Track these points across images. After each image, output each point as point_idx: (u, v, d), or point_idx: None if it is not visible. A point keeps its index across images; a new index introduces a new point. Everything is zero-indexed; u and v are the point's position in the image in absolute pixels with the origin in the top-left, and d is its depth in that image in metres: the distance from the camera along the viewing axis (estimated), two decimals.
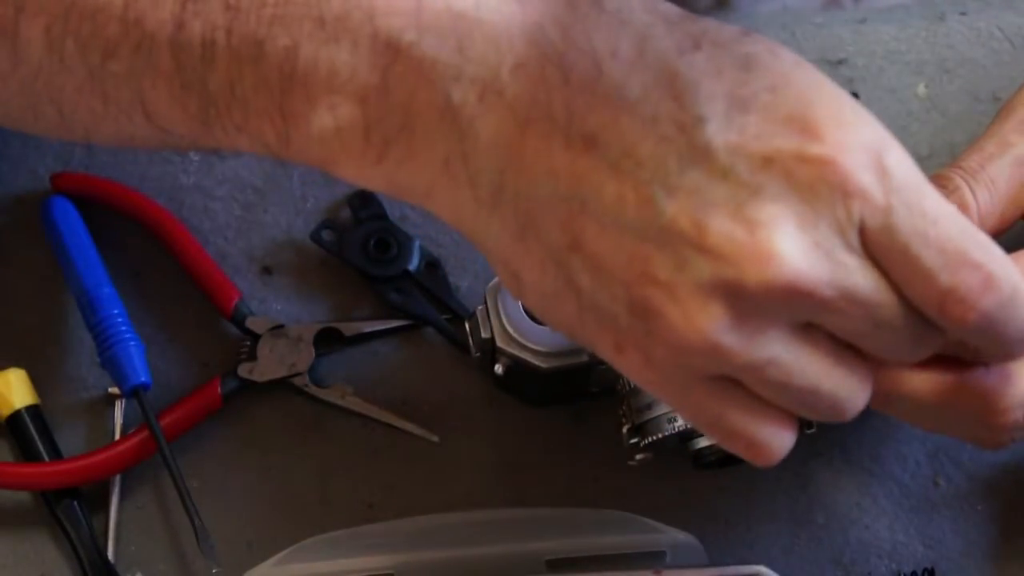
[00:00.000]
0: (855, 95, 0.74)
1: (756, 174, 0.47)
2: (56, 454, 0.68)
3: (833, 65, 0.74)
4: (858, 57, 0.75)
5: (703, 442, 0.63)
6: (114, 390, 0.69)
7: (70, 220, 0.70)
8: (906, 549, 0.67)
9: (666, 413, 0.62)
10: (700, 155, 0.47)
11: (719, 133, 0.47)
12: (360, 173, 0.51)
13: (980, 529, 0.67)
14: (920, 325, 0.50)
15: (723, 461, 0.64)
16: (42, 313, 0.71)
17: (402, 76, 0.49)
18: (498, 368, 0.64)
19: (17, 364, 0.69)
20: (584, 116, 0.48)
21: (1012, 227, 0.61)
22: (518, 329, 0.63)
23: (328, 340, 0.70)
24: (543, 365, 0.63)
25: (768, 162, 0.47)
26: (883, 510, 0.67)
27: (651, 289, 0.47)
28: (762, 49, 0.49)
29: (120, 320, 0.68)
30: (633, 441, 0.64)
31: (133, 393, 0.67)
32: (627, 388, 0.64)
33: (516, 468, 0.68)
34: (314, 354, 0.69)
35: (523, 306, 0.63)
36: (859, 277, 0.48)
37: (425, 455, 0.68)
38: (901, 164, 0.48)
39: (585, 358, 0.63)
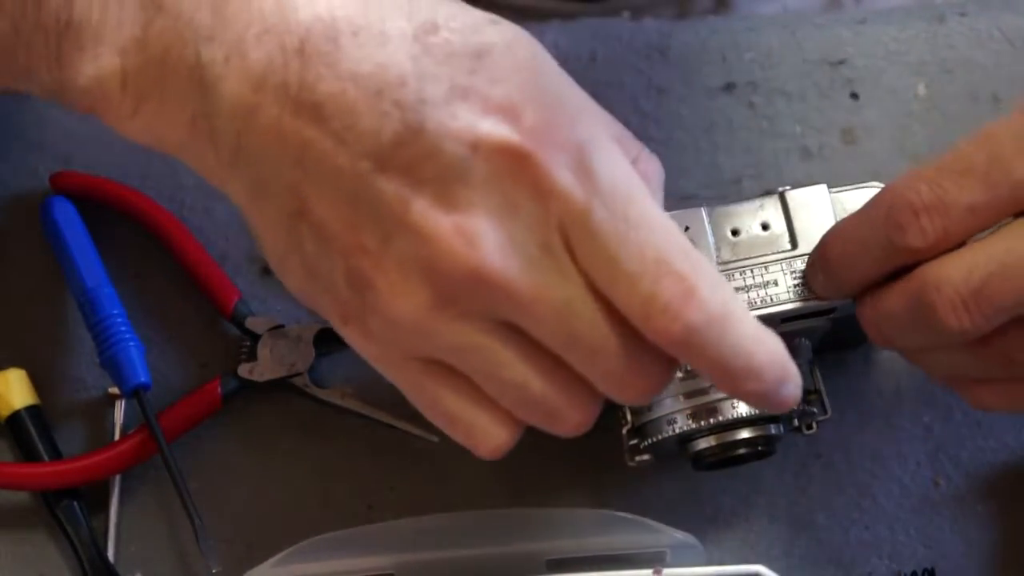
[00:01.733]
0: (855, 96, 0.74)
1: (463, 159, 0.48)
2: (56, 454, 0.68)
3: (833, 66, 0.74)
4: (858, 58, 0.75)
5: (703, 443, 0.63)
6: (114, 390, 0.69)
7: (70, 220, 0.70)
8: (906, 549, 0.67)
9: (665, 415, 0.62)
10: (413, 134, 0.48)
11: (433, 115, 0.48)
12: (120, 124, 0.54)
13: (980, 529, 0.67)
14: (627, 348, 0.50)
15: (723, 462, 0.64)
16: (42, 313, 0.71)
17: (160, 32, 0.51)
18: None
19: (17, 364, 0.69)
20: (314, 85, 0.49)
21: None
22: None
23: (328, 340, 0.69)
24: None
25: (474, 148, 0.48)
26: (883, 510, 0.67)
27: (364, 260, 0.49)
28: (499, 41, 0.50)
29: (120, 320, 0.68)
30: (633, 443, 0.64)
31: (133, 393, 0.67)
32: None
33: (516, 468, 0.68)
34: (314, 354, 0.69)
35: None
36: (552, 279, 0.49)
37: (425, 455, 0.68)
38: (608, 165, 0.49)
39: None
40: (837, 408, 0.65)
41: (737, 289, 0.62)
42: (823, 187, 0.63)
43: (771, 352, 0.51)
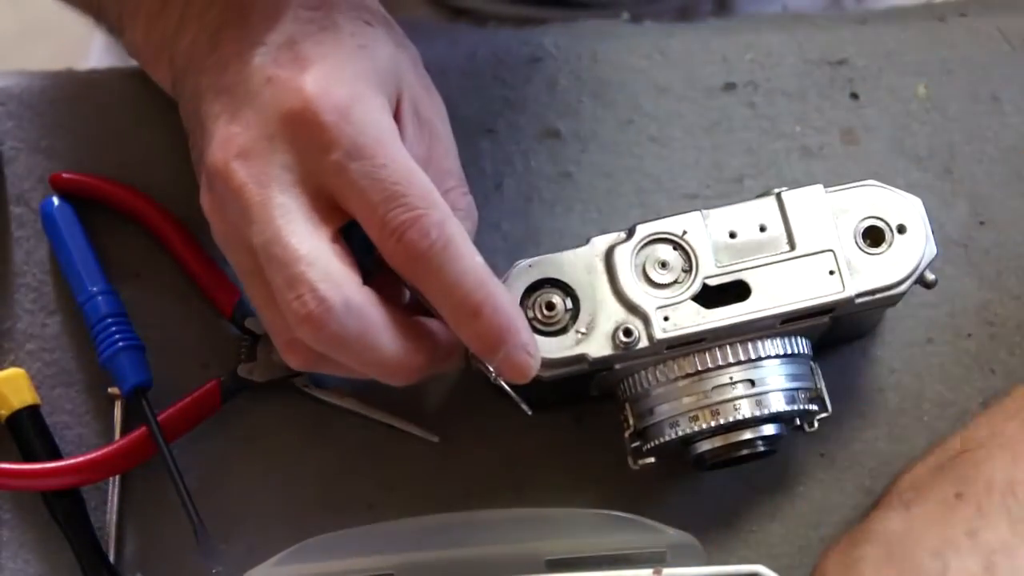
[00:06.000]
0: (855, 96, 0.74)
1: (260, 86, 0.61)
2: (56, 454, 0.68)
3: (833, 65, 0.74)
4: (858, 58, 0.75)
5: (705, 445, 0.63)
6: (114, 390, 0.69)
7: (70, 220, 0.70)
8: None
9: (668, 418, 0.62)
10: (245, 66, 0.61)
11: (263, 57, 0.61)
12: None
13: None
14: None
15: (724, 463, 0.64)
16: (42, 313, 0.71)
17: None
18: (500, 380, 0.62)
19: (17, 364, 0.69)
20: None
21: None
22: None
23: None
24: (544, 375, 0.62)
25: (268, 81, 0.60)
26: None
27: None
28: (344, 20, 0.62)
29: (120, 320, 0.68)
30: (635, 446, 0.64)
31: (133, 393, 0.67)
32: (628, 394, 0.64)
33: (516, 468, 0.68)
34: None
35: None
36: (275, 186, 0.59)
37: (425, 455, 0.68)
38: (367, 116, 0.60)
39: (586, 366, 0.62)
40: (837, 407, 0.65)
41: None
42: (819, 187, 0.63)
43: (496, 296, 0.58)
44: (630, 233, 0.63)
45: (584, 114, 0.74)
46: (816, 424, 0.64)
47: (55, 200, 0.71)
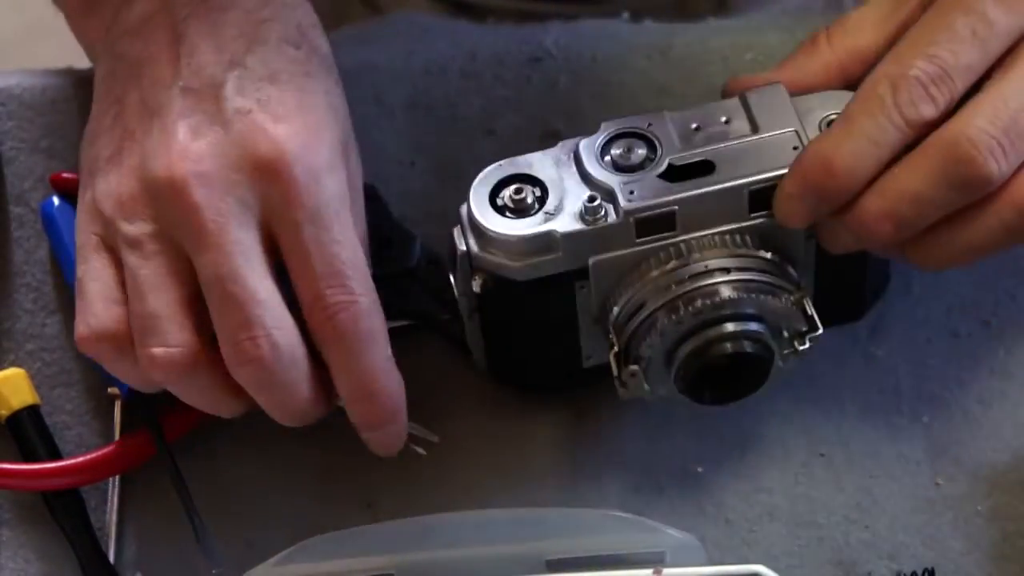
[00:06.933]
0: None
1: (235, 114, 0.60)
2: (56, 454, 0.68)
3: None
4: None
5: (688, 347, 0.63)
6: (114, 390, 0.69)
7: (70, 220, 0.70)
8: (907, 549, 0.66)
9: (647, 318, 0.62)
10: (220, 80, 0.61)
11: (242, 80, 0.61)
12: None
13: (981, 529, 0.67)
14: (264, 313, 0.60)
15: (717, 384, 0.64)
16: (42, 313, 0.71)
17: None
18: (475, 285, 0.63)
19: (17, 364, 0.69)
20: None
21: None
22: (488, 223, 0.63)
23: None
24: (515, 264, 0.62)
25: (248, 113, 0.60)
26: (884, 510, 0.67)
27: (126, 140, 0.63)
28: (318, 69, 0.63)
29: None
30: (621, 373, 0.64)
31: (133, 393, 0.67)
32: (611, 313, 0.64)
33: (516, 468, 0.68)
34: None
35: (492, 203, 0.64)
36: (240, 226, 0.59)
37: (425, 455, 0.68)
38: (334, 187, 0.61)
39: (560, 255, 0.62)
40: (837, 407, 0.65)
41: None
42: (779, 85, 0.64)
43: (393, 388, 0.62)
44: (596, 131, 0.64)
45: (584, 114, 0.74)
46: (808, 343, 0.64)
47: (55, 200, 0.71)
